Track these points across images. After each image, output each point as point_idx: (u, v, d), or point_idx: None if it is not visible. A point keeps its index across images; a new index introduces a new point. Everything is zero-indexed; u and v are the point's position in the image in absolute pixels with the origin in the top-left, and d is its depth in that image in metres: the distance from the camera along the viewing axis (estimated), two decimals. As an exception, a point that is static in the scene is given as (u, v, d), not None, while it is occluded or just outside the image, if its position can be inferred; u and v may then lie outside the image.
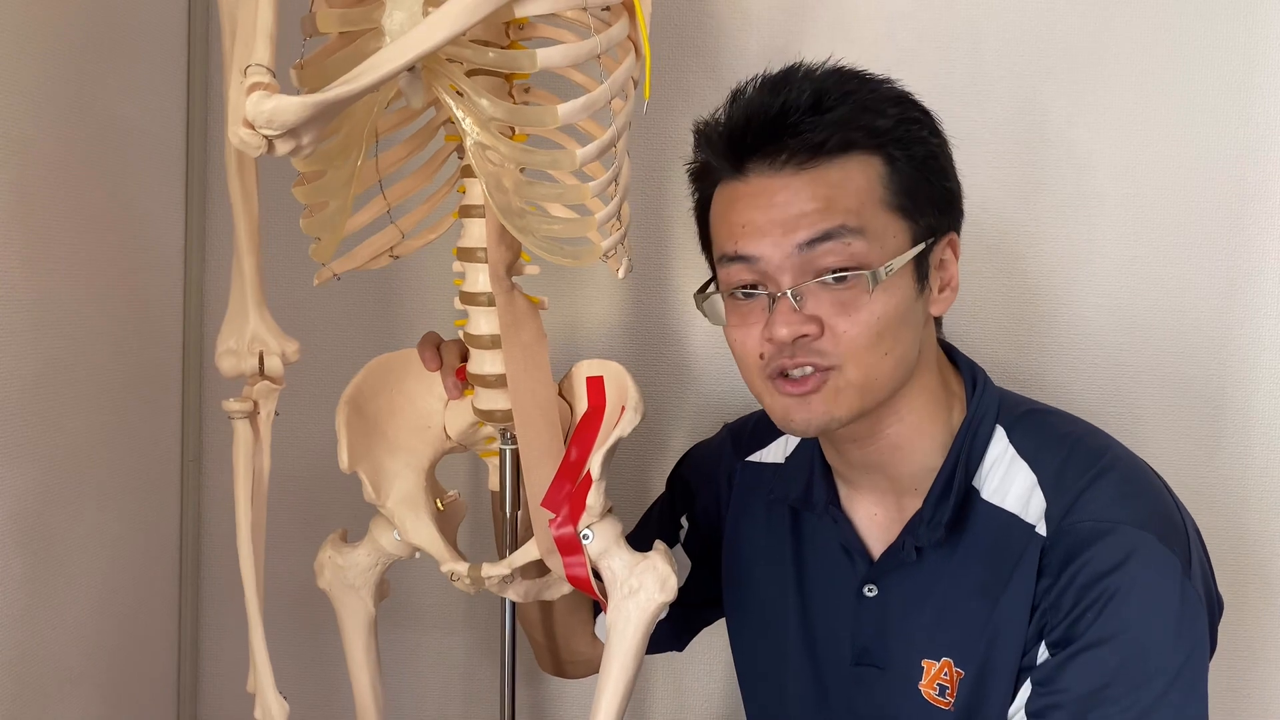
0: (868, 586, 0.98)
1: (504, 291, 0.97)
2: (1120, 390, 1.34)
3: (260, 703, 1.00)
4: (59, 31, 1.11)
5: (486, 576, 1.01)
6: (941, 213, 0.92)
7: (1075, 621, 0.86)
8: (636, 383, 1.00)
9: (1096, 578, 0.85)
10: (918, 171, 0.90)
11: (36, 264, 1.08)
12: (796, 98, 0.89)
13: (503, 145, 0.89)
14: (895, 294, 0.88)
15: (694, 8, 1.35)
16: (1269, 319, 1.31)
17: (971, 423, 0.95)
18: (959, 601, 0.93)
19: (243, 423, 0.97)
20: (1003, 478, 0.93)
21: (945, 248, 0.93)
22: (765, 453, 1.10)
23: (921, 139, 0.91)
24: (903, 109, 0.91)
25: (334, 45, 0.90)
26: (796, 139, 0.88)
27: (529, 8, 0.86)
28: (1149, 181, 1.32)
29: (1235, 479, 1.33)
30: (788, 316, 0.88)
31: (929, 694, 0.94)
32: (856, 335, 0.87)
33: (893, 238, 0.89)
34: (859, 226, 0.87)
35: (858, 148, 0.89)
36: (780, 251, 0.88)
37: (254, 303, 0.96)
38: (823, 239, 0.87)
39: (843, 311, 0.87)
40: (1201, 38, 1.30)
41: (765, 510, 1.07)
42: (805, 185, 0.88)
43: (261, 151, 0.74)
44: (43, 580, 1.11)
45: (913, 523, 0.95)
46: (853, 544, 0.99)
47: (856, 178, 0.88)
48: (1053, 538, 0.89)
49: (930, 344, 0.96)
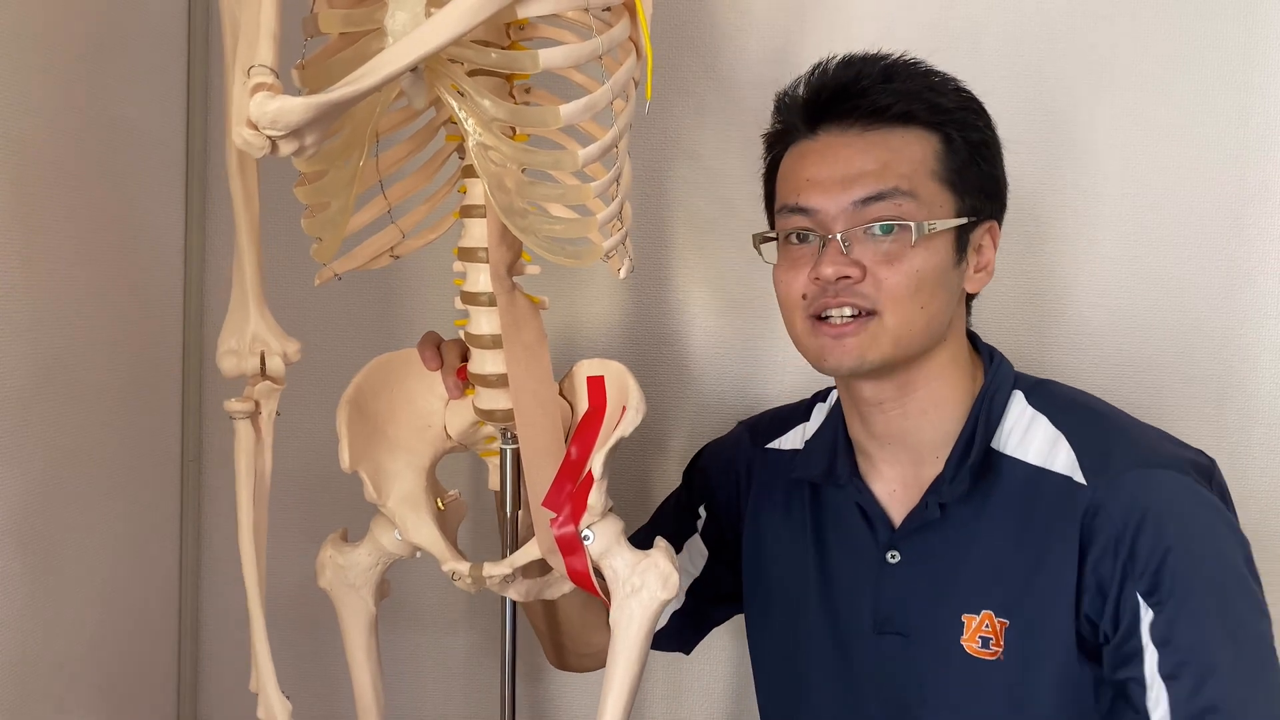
0: (890, 553, 1.00)
1: (505, 291, 0.97)
2: (1120, 389, 1.34)
3: (263, 702, 1.00)
4: (59, 32, 1.11)
5: (487, 576, 1.01)
6: (987, 197, 0.99)
7: (1159, 568, 0.90)
8: (637, 382, 1.00)
9: (1157, 526, 0.90)
10: (970, 155, 0.98)
11: (36, 264, 1.08)
12: (869, 70, 0.98)
13: (505, 145, 0.89)
14: (936, 255, 0.95)
15: (694, 8, 1.35)
16: (1269, 319, 1.32)
17: (989, 388, 1.00)
18: (993, 554, 0.96)
19: (244, 423, 0.98)
20: (1025, 434, 0.98)
21: (985, 233, 1.00)
22: (784, 440, 1.13)
23: (978, 127, 0.99)
24: (963, 98, 0.99)
25: (336, 45, 0.90)
26: (865, 101, 0.96)
27: (531, 8, 0.86)
28: (1149, 181, 1.32)
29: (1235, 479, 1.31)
30: (835, 257, 0.94)
31: (971, 648, 0.96)
32: (896, 284, 0.94)
33: (940, 207, 0.96)
34: (911, 190, 0.95)
35: (918, 121, 0.97)
36: (837, 205, 0.96)
37: (255, 303, 0.96)
38: (876, 198, 0.95)
39: (886, 261, 0.94)
40: (1201, 38, 1.30)
41: (785, 493, 1.10)
42: (868, 147, 0.96)
43: (265, 152, 0.74)
44: (43, 580, 1.10)
45: (935, 484, 0.99)
46: (874, 511, 1.02)
47: (915, 147, 0.96)
48: (1100, 489, 0.93)
49: (960, 319, 1.01)
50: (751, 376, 1.37)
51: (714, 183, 1.36)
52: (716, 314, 1.38)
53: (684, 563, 1.16)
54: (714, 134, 1.35)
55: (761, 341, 1.36)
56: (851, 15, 1.33)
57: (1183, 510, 0.92)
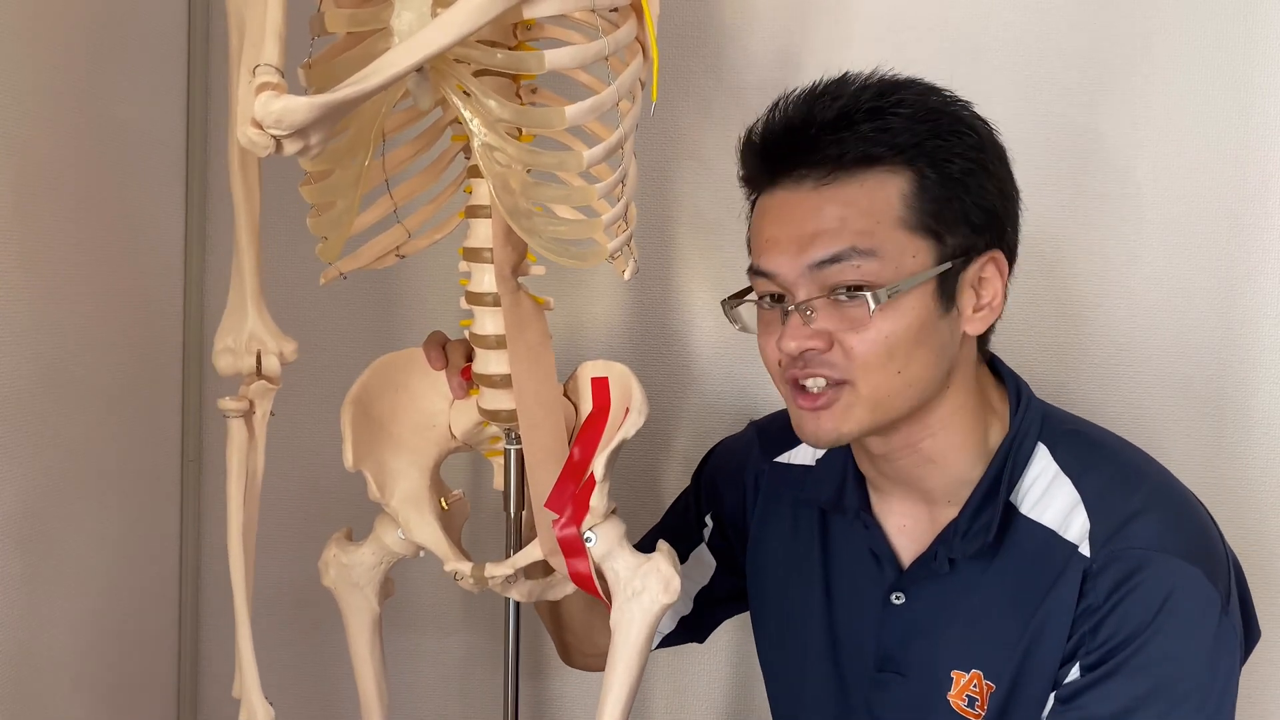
0: (895, 594, 0.98)
1: (510, 292, 0.97)
2: (1120, 389, 1.34)
3: (245, 706, 0.99)
4: (59, 32, 1.11)
5: (490, 576, 1.01)
6: (976, 232, 0.90)
7: (1114, 649, 0.86)
8: (641, 384, 1.00)
9: (1139, 607, 0.86)
10: (950, 189, 0.89)
11: (36, 264, 1.08)
12: (822, 113, 0.89)
13: (510, 146, 0.89)
14: (910, 313, 0.88)
15: (698, 9, 1.35)
16: (1269, 319, 1.32)
17: (1014, 439, 0.94)
18: (992, 614, 0.93)
19: (237, 422, 0.97)
20: (1044, 493, 0.92)
21: (984, 266, 0.91)
22: (794, 454, 1.09)
23: (958, 155, 0.89)
24: (939, 124, 0.89)
25: (342, 45, 0.90)
26: (816, 154, 0.89)
27: (537, 9, 0.86)
28: (1149, 181, 1.33)
29: (1235, 479, 1.34)
30: (796, 330, 0.89)
31: (957, 704, 0.94)
32: (865, 352, 0.88)
33: (911, 257, 0.88)
34: (870, 248, 0.87)
35: (883, 163, 0.88)
36: (794, 269, 0.89)
37: (253, 301, 0.95)
38: (833, 260, 0.88)
39: (851, 328, 0.88)
40: (1201, 38, 1.30)
41: (792, 511, 1.07)
42: (823, 203, 0.89)
43: (269, 151, 0.74)
44: (43, 580, 1.10)
45: (946, 533, 0.94)
46: (882, 550, 0.99)
47: (875, 195, 0.88)
48: (1099, 561, 0.88)
49: (966, 362, 0.94)
50: (755, 378, 1.37)
51: (717, 183, 1.36)
52: (720, 315, 1.37)
53: (690, 571, 1.14)
54: (717, 135, 1.35)
55: (763, 342, 1.36)
56: (854, 16, 1.33)
57: (1176, 605, 0.85)
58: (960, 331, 0.92)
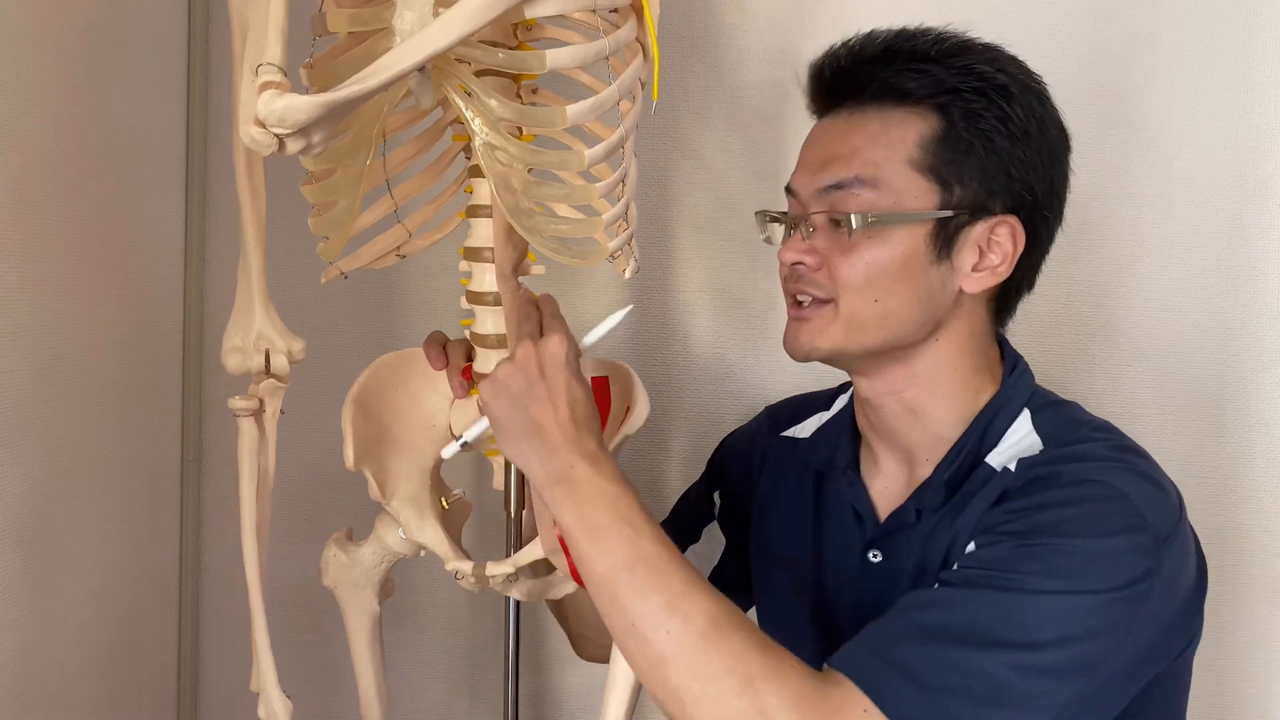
0: (872, 552, 0.99)
1: (510, 291, 0.97)
2: (1121, 389, 1.34)
3: (264, 701, 1.00)
4: (59, 32, 1.11)
5: (491, 575, 1.01)
6: (992, 194, 0.91)
7: (1012, 521, 0.84)
8: (642, 383, 1.00)
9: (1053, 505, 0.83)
10: (973, 144, 0.91)
11: (36, 264, 1.08)
12: (864, 47, 0.94)
13: (511, 145, 0.89)
14: (893, 248, 0.91)
15: (696, 8, 1.35)
16: (1269, 319, 1.32)
17: (997, 401, 0.95)
18: (938, 544, 0.94)
19: (248, 420, 0.98)
20: (1012, 447, 0.94)
21: (995, 228, 0.92)
22: (799, 428, 1.12)
23: (997, 117, 0.91)
24: (980, 80, 0.91)
25: (344, 45, 0.90)
26: (851, 84, 0.94)
27: (538, 9, 0.86)
28: (1149, 181, 1.33)
29: (1235, 477, 1.34)
30: (795, 243, 0.94)
31: None
32: (846, 274, 0.91)
33: (913, 198, 0.91)
34: (873, 179, 0.91)
35: (911, 101, 0.92)
36: (808, 189, 0.94)
37: (260, 300, 0.96)
38: (837, 186, 0.92)
39: (840, 250, 0.92)
40: (1201, 38, 1.31)
41: (793, 481, 1.08)
42: (848, 131, 0.93)
43: (272, 150, 0.74)
44: (43, 580, 1.10)
45: (919, 490, 0.96)
46: (864, 508, 1.00)
47: (894, 131, 0.92)
48: (1023, 479, 0.88)
49: (963, 319, 0.95)
50: (754, 376, 1.37)
51: (716, 182, 1.36)
52: (719, 313, 1.38)
53: (704, 550, 1.15)
54: (716, 134, 1.36)
55: (764, 341, 1.36)
56: (853, 15, 1.32)
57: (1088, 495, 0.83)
58: (955, 286, 0.93)
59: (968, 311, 0.95)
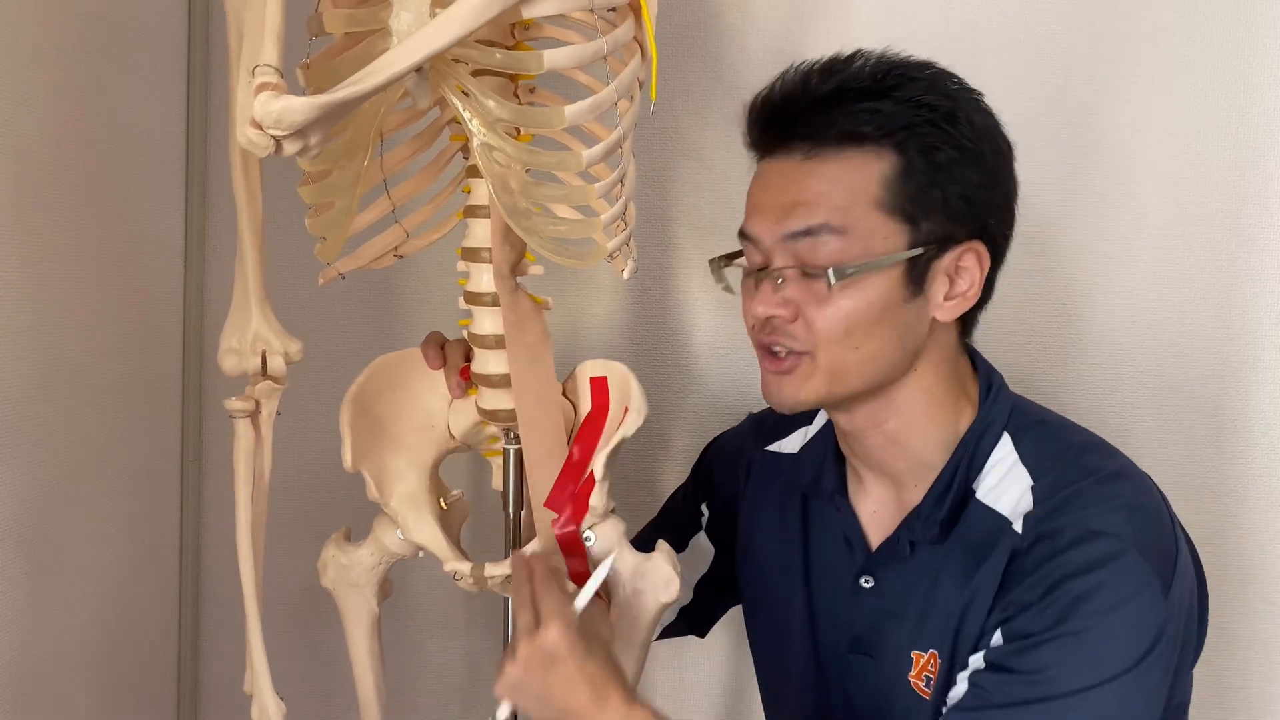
0: (864, 578, 0.99)
1: (508, 291, 0.97)
2: (1119, 389, 1.34)
3: (257, 702, 1.00)
4: (59, 32, 1.11)
5: (489, 576, 1.01)
6: (955, 221, 0.91)
7: (1036, 616, 0.86)
8: (640, 383, 1.00)
9: (1067, 578, 0.86)
10: (932, 176, 0.89)
11: (36, 264, 1.08)
12: (817, 87, 0.91)
13: (509, 146, 0.89)
14: (870, 293, 0.89)
15: (696, 8, 1.35)
16: (1269, 319, 1.32)
17: (977, 427, 0.95)
18: (945, 596, 0.94)
19: (244, 422, 0.97)
20: (1000, 480, 0.94)
21: (963, 255, 0.91)
22: (784, 443, 1.11)
23: (948, 144, 0.89)
24: (935, 111, 0.89)
25: (340, 45, 0.90)
26: (806, 127, 0.91)
27: (536, 9, 0.86)
28: (1149, 181, 1.32)
29: (1234, 478, 1.34)
30: (766, 296, 0.92)
31: (917, 685, 0.95)
32: (823, 326, 0.90)
33: (882, 239, 0.89)
34: (842, 225, 0.89)
35: (869, 143, 0.89)
36: (772, 236, 0.92)
37: (257, 301, 0.96)
38: (805, 234, 0.90)
39: (814, 302, 0.90)
40: (1201, 38, 1.30)
41: (779, 498, 1.08)
42: (806, 176, 0.91)
43: (269, 151, 0.74)
44: (43, 580, 1.10)
45: (909, 518, 0.96)
46: (854, 534, 1.00)
47: (856, 174, 0.89)
48: (1030, 538, 0.89)
49: (938, 347, 0.95)
50: (754, 377, 1.36)
51: (716, 182, 1.36)
52: (719, 314, 1.38)
53: (691, 560, 1.15)
54: (716, 134, 1.35)
55: (763, 341, 1.36)
56: (854, 15, 1.33)
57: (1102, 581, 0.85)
58: (929, 317, 0.92)
59: (940, 337, 0.95)
